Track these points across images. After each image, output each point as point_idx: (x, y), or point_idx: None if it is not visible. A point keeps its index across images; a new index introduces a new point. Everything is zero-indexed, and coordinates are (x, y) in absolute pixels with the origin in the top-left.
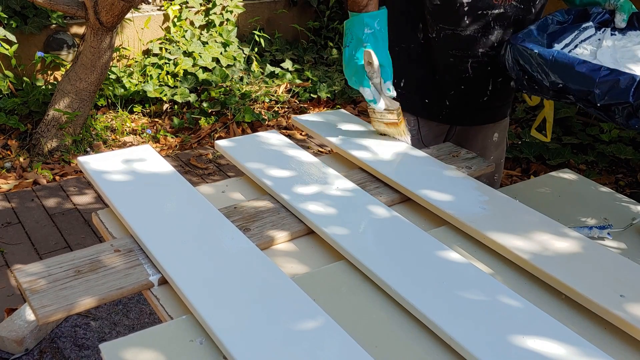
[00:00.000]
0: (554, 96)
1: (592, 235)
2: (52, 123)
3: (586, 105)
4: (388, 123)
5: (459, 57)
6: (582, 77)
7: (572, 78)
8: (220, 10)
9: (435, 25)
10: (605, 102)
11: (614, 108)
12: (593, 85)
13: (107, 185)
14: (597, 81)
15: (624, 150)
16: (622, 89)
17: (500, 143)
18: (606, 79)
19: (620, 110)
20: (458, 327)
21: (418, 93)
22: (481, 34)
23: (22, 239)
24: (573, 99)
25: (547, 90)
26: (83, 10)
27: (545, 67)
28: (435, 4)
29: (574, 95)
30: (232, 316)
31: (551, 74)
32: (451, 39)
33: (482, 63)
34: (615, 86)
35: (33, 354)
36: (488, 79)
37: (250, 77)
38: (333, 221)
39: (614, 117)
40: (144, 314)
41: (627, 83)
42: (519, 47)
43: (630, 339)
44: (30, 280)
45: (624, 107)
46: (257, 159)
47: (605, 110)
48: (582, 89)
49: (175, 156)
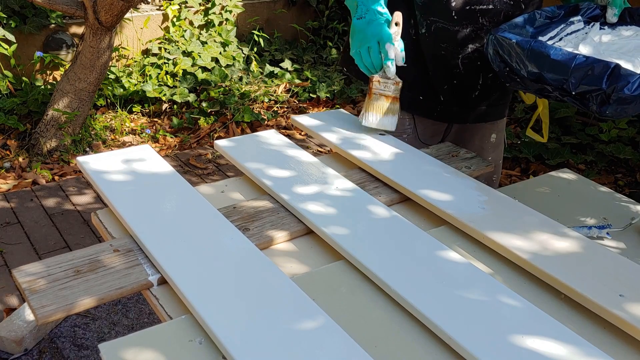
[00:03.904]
0: (535, 89)
1: (592, 235)
2: (52, 123)
3: (562, 94)
4: (388, 96)
5: (449, 51)
6: (557, 65)
7: (547, 66)
8: (220, 10)
9: (425, 20)
10: (580, 90)
11: (589, 96)
12: (568, 73)
13: (107, 185)
14: (571, 68)
15: (623, 150)
16: (595, 75)
17: (498, 144)
18: (580, 66)
19: (594, 97)
20: (457, 326)
21: (412, 90)
22: (470, 29)
23: (22, 239)
24: (550, 89)
25: (527, 82)
26: (82, 10)
27: (523, 57)
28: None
29: (550, 84)
30: (231, 316)
31: (528, 64)
32: (441, 33)
33: (472, 58)
34: (589, 73)
35: (32, 354)
36: (478, 74)
37: (250, 77)
38: (332, 221)
39: (588, 105)
40: (143, 314)
41: (601, 69)
42: (499, 38)
43: (630, 338)
44: (30, 280)
45: (597, 94)
46: (257, 158)
47: (581, 99)
48: (558, 77)
49: (175, 156)
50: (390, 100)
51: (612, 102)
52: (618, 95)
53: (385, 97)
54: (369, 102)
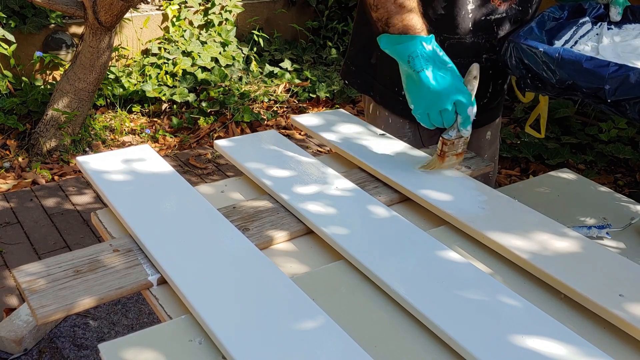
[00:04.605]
0: (559, 94)
1: (591, 235)
2: (51, 123)
3: (595, 101)
4: (459, 154)
5: (463, 64)
6: (590, 73)
7: (580, 75)
8: (219, 10)
9: (439, 36)
10: (616, 98)
11: (625, 103)
12: (603, 82)
13: (106, 185)
14: (606, 77)
15: (623, 150)
16: (632, 83)
17: (493, 141)
18: (616, 74)
19: (632, 105)
20: (457, 326)
21: None
22: (485, 40)
23: (21, 239)
24: (581, 95)
25: (552, 88)
26: (82, 10)
27: (552, 65)
28: (439, 14)
29: (583, 92)
30: (231, 316)
31: (558, 72)
32: (456, 47)
33: (485, 68)
34: (625, 81)
35: (32, 354)
36: (489, 82)
37: (249, 76)
38: (332, 221)
39: (625, 112)
40: (143, 314)
41: (637, 77)
42: (523, 46)
43: (630, 338)
44: (29, 280)
45: (635, 101)
46: (256, 158)
47: (616, 106)
48: (592, 85)
49: (174, 156)
50: (459, 157)
51: None
52: None
53: (456, 156)
54: (440, 164)
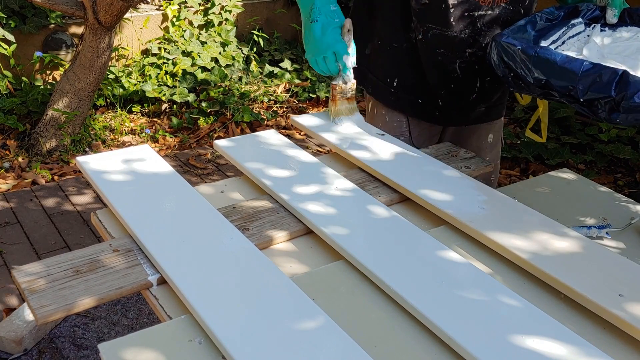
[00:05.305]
0: (540, 94)
1: (591, 235)
2: (51, 123)
3: (569, 100)
4: (349, 98)
5: (447, 57)
6: (564, 72)
7: (554, 73)
8: (219, 10)
9: (422, 26)
10: (588, 97)
11: (597, 102)
12: (575, 80)
13: (106, 185)
14: (579, 75)
15: (623, 150)
16: (604, 82)
17: (495, 144)
18: (588, 73)
19: (603, 104)
20: (457, 326)
21: (411, 93)
22: (468, 35)
23: (21, 239)
24: (557, 95)
25: (533, 87)
26: (82, 10)
27: (529, 63)
28: (422, 4)
29: (557, 91)
30: (230, 316)
31: (534, 70)
32: (438, 39)
33: (470, 62)
34: (597, 80)
35: (32, 354)
36: (476, 77)
37: (249, 76)
38: (332, 221)
39: (597, 112)
40: (143, 314)
41: (609, 76)
42: (503, 44)
43: (629, 338)
44: (29, 280)
45: (606, 101)
46: (256, 158)
47: (589, 106)
48: (565, 84)
49: (174, 156)
50: (351, 101)
51: (622, 111)
52: (628, 104)
53: (347, 100)
54: (336, 108)
